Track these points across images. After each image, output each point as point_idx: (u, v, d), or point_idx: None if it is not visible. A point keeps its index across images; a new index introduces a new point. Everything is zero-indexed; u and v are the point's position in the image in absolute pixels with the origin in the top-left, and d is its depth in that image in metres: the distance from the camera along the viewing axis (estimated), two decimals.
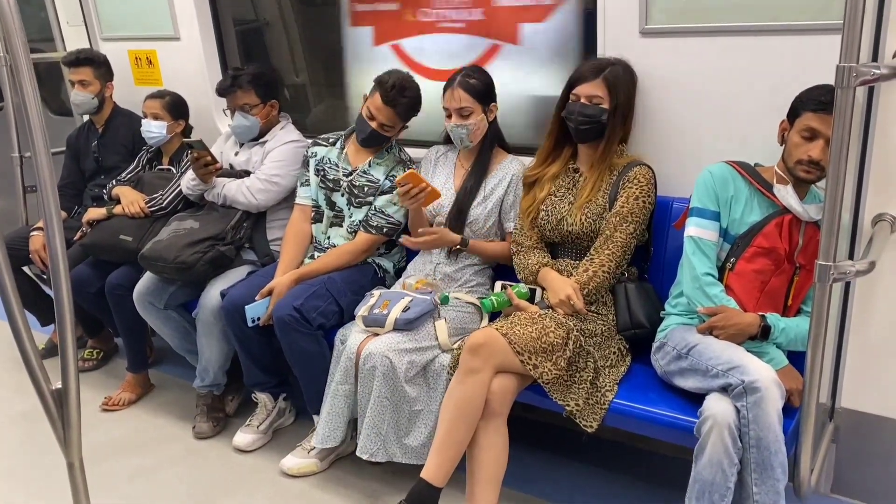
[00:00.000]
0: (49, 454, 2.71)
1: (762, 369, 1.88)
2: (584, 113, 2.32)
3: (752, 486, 1.90)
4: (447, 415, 2.14)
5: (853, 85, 1.60)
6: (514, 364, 2.12)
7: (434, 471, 2.13)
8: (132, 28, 3.68)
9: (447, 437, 2.13)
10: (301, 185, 2.95)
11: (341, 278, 2.70)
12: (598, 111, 2.31)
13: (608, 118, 2.32)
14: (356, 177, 2.81)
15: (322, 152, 2.91)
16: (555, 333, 2.15)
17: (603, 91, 2.31)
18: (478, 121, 2.56)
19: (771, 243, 2.08)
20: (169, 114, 3.26)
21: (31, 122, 1.27)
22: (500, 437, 2.15)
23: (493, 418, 2.13)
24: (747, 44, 2.20)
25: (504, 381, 2.13)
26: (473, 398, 2.11)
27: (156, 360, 3.56)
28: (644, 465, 2.61)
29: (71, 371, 1.36)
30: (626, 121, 2.40)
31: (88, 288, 3.14)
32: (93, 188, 3.54)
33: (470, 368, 2.11)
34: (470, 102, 2.53)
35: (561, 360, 2.13)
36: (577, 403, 2.13)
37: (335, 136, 2.95)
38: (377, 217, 2.76)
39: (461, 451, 2.14)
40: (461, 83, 2.53)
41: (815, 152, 1.97)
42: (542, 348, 2.12)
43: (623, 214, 2.29)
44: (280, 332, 2.56)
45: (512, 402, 2.17)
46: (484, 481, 2.13)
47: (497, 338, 2.12)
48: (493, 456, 2.14)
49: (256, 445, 2.84)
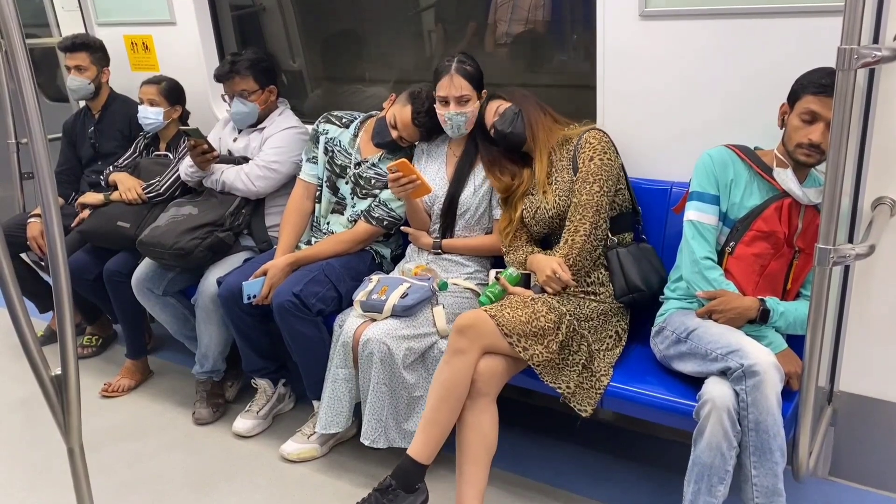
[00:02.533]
0: (49, 440, 2.73)
1: (761, 353, 1.89)
2: (498, 127, 2.46)
3: (751, 469, 1.90)
4: (434, 394, 2.16)
5: (854, 67, 1.59)
6: (503, 346, 2.13)
7: (420, 448, 2.16)
8: (128, 13, 3.65)
9: (433, 415, 2.15)
10: (307, 161, 2.91)
11: (340, 264, 2.70)
12: (509, 114, 2.43)
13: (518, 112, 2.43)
14: (365, 168, 2.79)
15: (333, 132, 2.88)
16: (546, 318, 2.16)
17: (468, 88, 2.48)
18: (475, 108, 2.55)
19: (770, 227, 2.08)
20: (165, 99, 3.24)
21: (28, 108, 1.25)
22: (486, 417, 2.16)
23: (479, 398, 2.14)
24: (748, 26, 2.19)
25: (492, 362, 2.14)
26: (459, 378, 2.12)
27: (154, 347, 3.57)
28: (643, 449, 2.62)
29: (70, 358, 1.36)
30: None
31: (87, 275, 3.13)
32: (90, 174, 3.53)
33: (457, 349, 2.13)
34: (469, 90, 2.51)
35: (553, 344, 2.14)
36: (568, 386, 2.14)
37: (349, 116, 2.91)
38: (380, 209, 2.74)
39: (447, 430, 2.16)
40: (459, 70, 2.51)
41: (816, 135, 1.96)
42: (532, 332, 2.13)
43: (583, 177, 2.31)
44: (279, 318, 2.56)
45: (501, 383, 2.19)
46: (471, 460, 2.15)
47: (485, 319, 2.13)
48: (481, 435, 2.15)
49: (256, 431, 2.85)
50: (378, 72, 3.50)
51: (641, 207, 2.47)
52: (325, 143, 2.87)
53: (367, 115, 2.89)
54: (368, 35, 3.48)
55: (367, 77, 3.49)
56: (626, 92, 2.46)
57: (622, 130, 2.45)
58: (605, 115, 2.51)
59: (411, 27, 3.40)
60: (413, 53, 3.43)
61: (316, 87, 3.71)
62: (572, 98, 2.88)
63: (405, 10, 3.35)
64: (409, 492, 2.16)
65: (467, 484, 2.14)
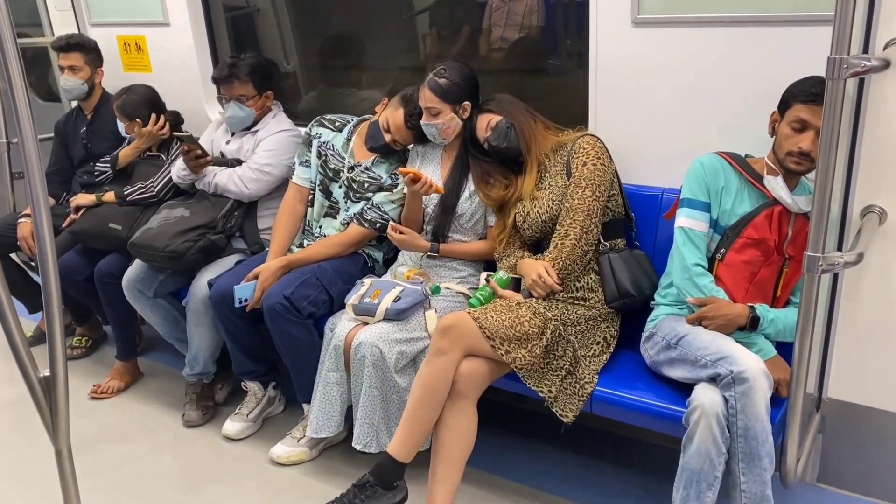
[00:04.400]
0: (37, 442, 2.70)
1: (751, 360, 1.89)
2: (492, 142, 2.47)
3: (740, 476, 1.91)
4: (415, 392, 2.17)
5: (844, 76, 1.60)
6: (485, 349, 2.13)
7: (399, 446, 2.16)
8: (121, 13, 3.64)
9: (412, 414, 2.16)
10: (300, 165, 2.89)
11: (331, 267, 2.69)
12: (502, 128, 2.45)
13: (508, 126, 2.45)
14: (358, 172, 2.78)
15: (326, 136, 2.87)
16: (530, 322, 2.16)
17: (435, 101, 2.49)
18: (447, 120, 2.53)
19: (760, 234, 2.09)
20: (125, 116, 3.23)
21: (18, 108, 1.25)
22: (465, 419, 2.16)
23: (458, 399, 2.14)
24: (740, 34, 2.20)
25: (473, 364, 2.15)
26: (440, 378, 2.13)
27: (145, 348, 3.55)
28: (632, 454, 2.63)
29: (59, 358, 1.36)
30: None
31: (77, 275, 3.12)
32: (81, 175, 3.51)
33: (438, 349, 2.14)
34: (435, 102, 2.51)
35: (536, 349, 2.14)
36: (550, 390, 2.15)
37: (342, 120, 2.90)
38: (373, 212, 2.74)
39: (426, 430, 2.17)
40: (429, 82, 2.51)
41: (806, 144, 1.97)
42: (515, 336, 2.13)
43: (576, 182, 2.32)
44: (270, 321, 2.56)
45: (483, 386, 2.19)
46: (446, 460, 2.15)
47: (466, 321, 2.14)
48: (458, 436, 2.15)
49: (246, 434, 2.84)
50: (372, 75, 3.50)
51: (633, 213, 2.48)
52: (318, 146, 2.86)
53: (360, 118, 2.89)
54: (363, 38, 3.48)
55: (362, 80, 3.50)
56: (618, 98, 2.46)
57: (614, 136, 2.45)
58: (598, 120, 2.52)
59: (406, 30, 3.41)
60: (407, 57, 3.43)
61: (310, 89, 3.71)
62: (565, 105, 2.89)
63: (400, 13, 3.35)
64: (388, 489, 2.16)
65: (439, 483, 2.14)
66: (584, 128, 2.52)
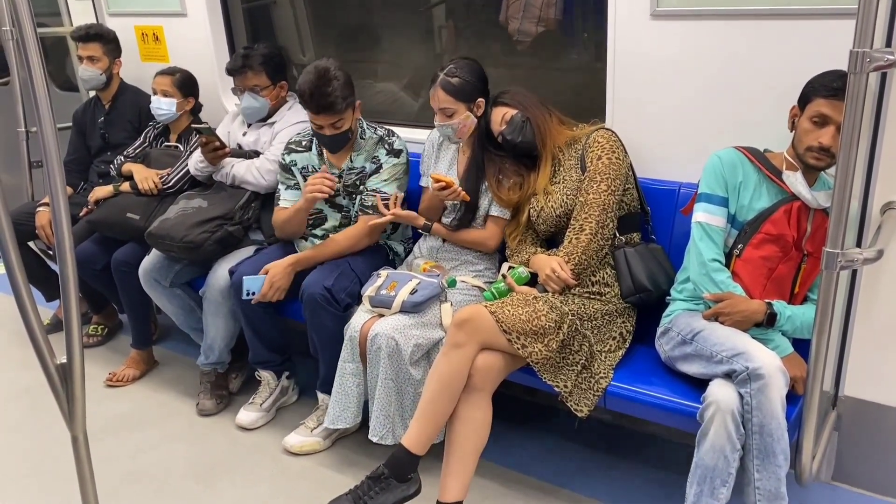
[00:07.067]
0: (53, 428, 2.73)
1: (767, 356, 1.88)
2: (507, 136, 2.46)
3: (754, 472, 1.90)
4: (430, 385, 2.17)
5: (866, 70, 1.58)
6: (501, 342, 2.13)
7: (414, 439, 2.16)
8: (139, 3, 3.65)
9: (428, 407, 2.16)
10: (287, 189, 2.83)
11: (362, 259, 2.70)
12: (517, 122, 2.43)
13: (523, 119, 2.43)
14: (346, 176, 2.76)
15: (301, 160, 2.81)
16: (546, 317, 2.15)
17: (450, 102, 2.48)
18: (462, 119, 2.52)
19: (779, 230, 2.07)
20: (179, 91, 3.24)
21: (38, 97, 1.26)
22: (479, 412, 2.16)
23: (474, 392, 2.14)
24: (759, 27, 2.18)
25: (489, 357, 2.14)
26: (456, 371, 2.13)
27: (160, 337, 3.58)
28: (645, 450, 2.62)
29: (76, 346, 1.37)
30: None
31: (94, 264, 3.14)
32: (99, 164, 3.54)
33: (455, 343, 2.13)
34: (450, 103, 2.49)
35: (553, 343, 2.14)
36: (565, 385, 2.14)
37: (305, 138, 2.83)
38: (370, 196, 2.71)
39: (441, 422, 2.17)
40: (441, 83, 2.49)
41: (826, 139, 1.95)
42: (531, 330, 2.13)
43: (591, 176, 2.32)
44: (308, 311, 2.55)
45: (498, 380, 2.19)
46: (459, 453, 2.15)
47: (483, 314, 2.13)
48: (472, 430, 2.15)
49: (259, 423, 2.86)
50: (388, 67, 3.50)
51: (649, 208, 2.47)
52: (299, 172, 2.82)
53: (310, 133, 2.79)
54: (379, 30, 3.48)
55: (377, 72, 3.49)
56: (636, 92, 2.45)
57: (631, 130, 2.44)
58: (615, 114, 2.50)
59: (422, 22, 3.40)
60: (423, 49, 3.42)
61: None
62: (582, 97, 2.87)
63: (416, 4, 3.34)
64: (402, 481, 2.16)
65: (451, 476, 2.15)
66: (598, 121, 2.51)
